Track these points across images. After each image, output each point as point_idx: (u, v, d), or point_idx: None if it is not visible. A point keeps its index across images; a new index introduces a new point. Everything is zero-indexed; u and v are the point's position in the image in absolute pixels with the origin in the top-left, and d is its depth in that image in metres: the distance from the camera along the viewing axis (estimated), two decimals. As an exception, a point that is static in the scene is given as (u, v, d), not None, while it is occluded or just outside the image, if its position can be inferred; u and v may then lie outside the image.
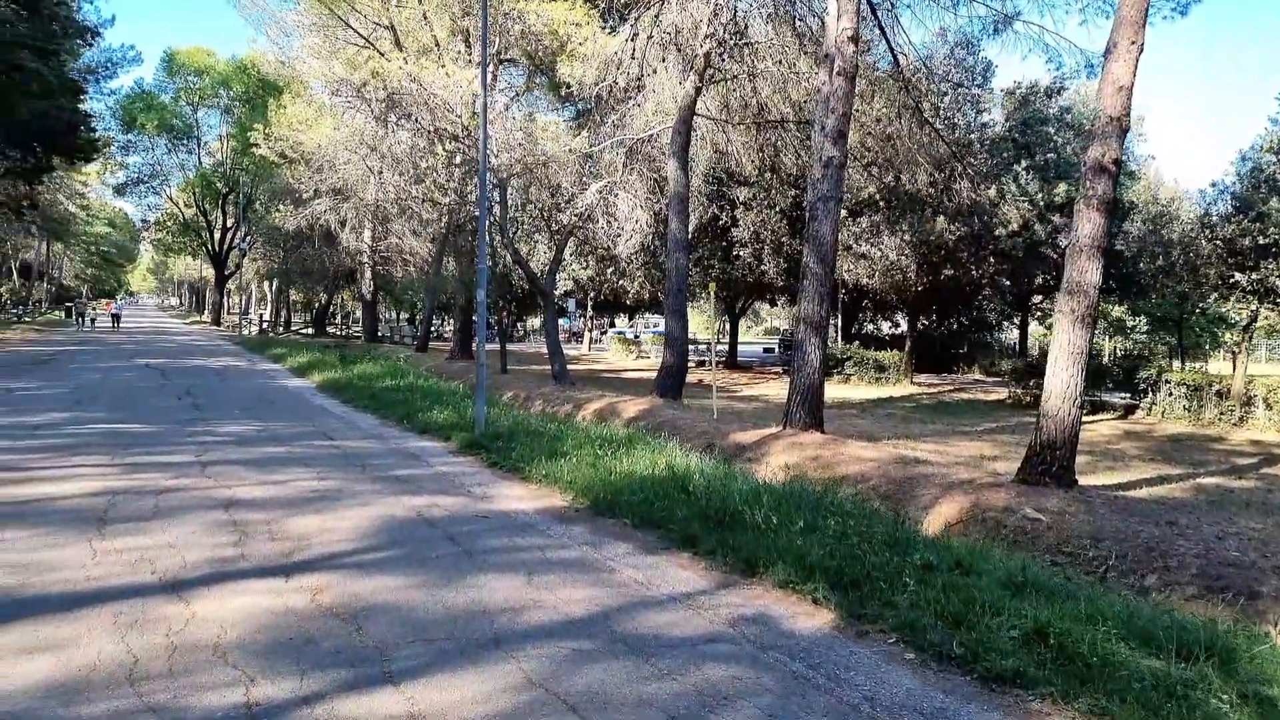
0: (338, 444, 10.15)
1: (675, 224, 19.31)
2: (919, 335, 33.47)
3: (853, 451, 12.61)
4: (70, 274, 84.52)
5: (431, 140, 24.68)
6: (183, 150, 51.78)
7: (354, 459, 9.13)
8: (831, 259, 14.64)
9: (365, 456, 9.33)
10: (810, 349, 14.44)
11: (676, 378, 19.35)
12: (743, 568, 5.71)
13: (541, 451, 9.27)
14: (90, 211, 65.17)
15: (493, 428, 11.08)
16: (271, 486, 7.57)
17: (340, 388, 16.38)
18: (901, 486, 10.83)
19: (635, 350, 45.33)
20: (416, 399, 13.97)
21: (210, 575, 5.04)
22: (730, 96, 22.20)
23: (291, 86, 37.13)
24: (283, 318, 57.67)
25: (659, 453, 9.66)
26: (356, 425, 11.94)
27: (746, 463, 13.21)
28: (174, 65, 48.48)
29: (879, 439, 17.65)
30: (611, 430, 11.06)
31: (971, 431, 19.84)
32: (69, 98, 23.89)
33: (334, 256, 39.93)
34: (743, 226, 30.82)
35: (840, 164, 14.70)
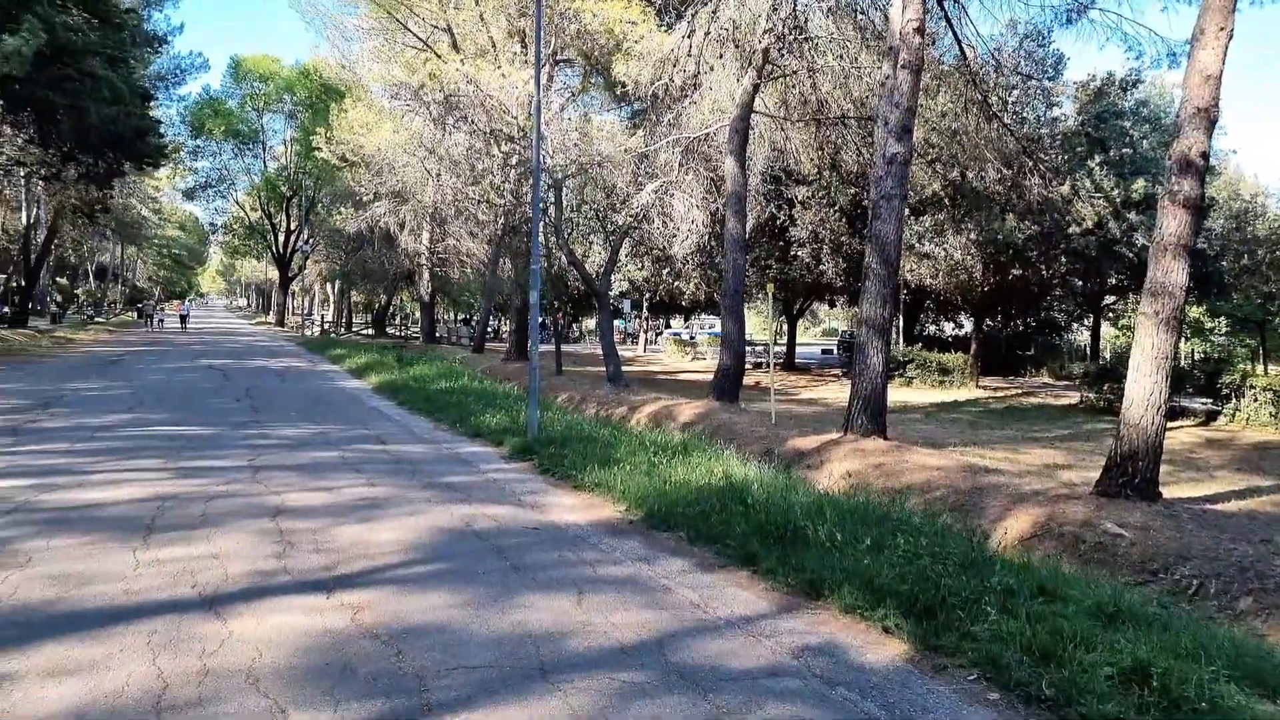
0: (390, 449, 10.04)
1: (732, 223, 18.92)
2: (985, 337, 32.45)
3: (917, 459, 12.11)
4: (143, 276, 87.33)
5: (488, 142, 24.70)
6: (248, 155, 53.07)
7: (405, 464, 8.99)
8: (895, 259, 14.13)
9: (416, 462, 9.18)
10: (872, 352, 13.95)
11: (733, 380, 18.95)
12: (805, 589, 5.35)
13: (594, 458, 9.00)
14: (161, 215, 67.18)
15: (545, 433, 10.86)
16: (321, 493, 7.44)
17: (396, 390, 16.38)
18: (970, 497, 10.33)
19: (691, 351, 44.93)
20: (470, 402, 13.85)
21: (251, 590, 4.87)
22: (789, 93, 21.72)
23: (353, 91, 37.65)
24: (344, 319, 58.68)
25: (716, 460, 9.32)
26: (410, 429, 11.85)
27: (806, 470, 12.79)
28: (240, 72, 49.64)
29: (944, 446, 17.02)
30: (666, 436, 10.76)
31: (1043, 438, 19.04)
32: (137, 104, 24.48)
33: (393, 258, 40.38)
34: (800, 226, 30.24)
35: (905, 160, 14.18)
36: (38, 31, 17.80)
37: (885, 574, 5.37)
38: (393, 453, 9.73)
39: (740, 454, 14.07)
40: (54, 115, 22.94)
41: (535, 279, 10.65)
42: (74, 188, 29.09)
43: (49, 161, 28.81)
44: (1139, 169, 26.04)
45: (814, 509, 7.10)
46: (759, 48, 19.59)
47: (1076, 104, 28.36)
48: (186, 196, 56.03)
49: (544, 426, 11.17)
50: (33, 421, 11.02)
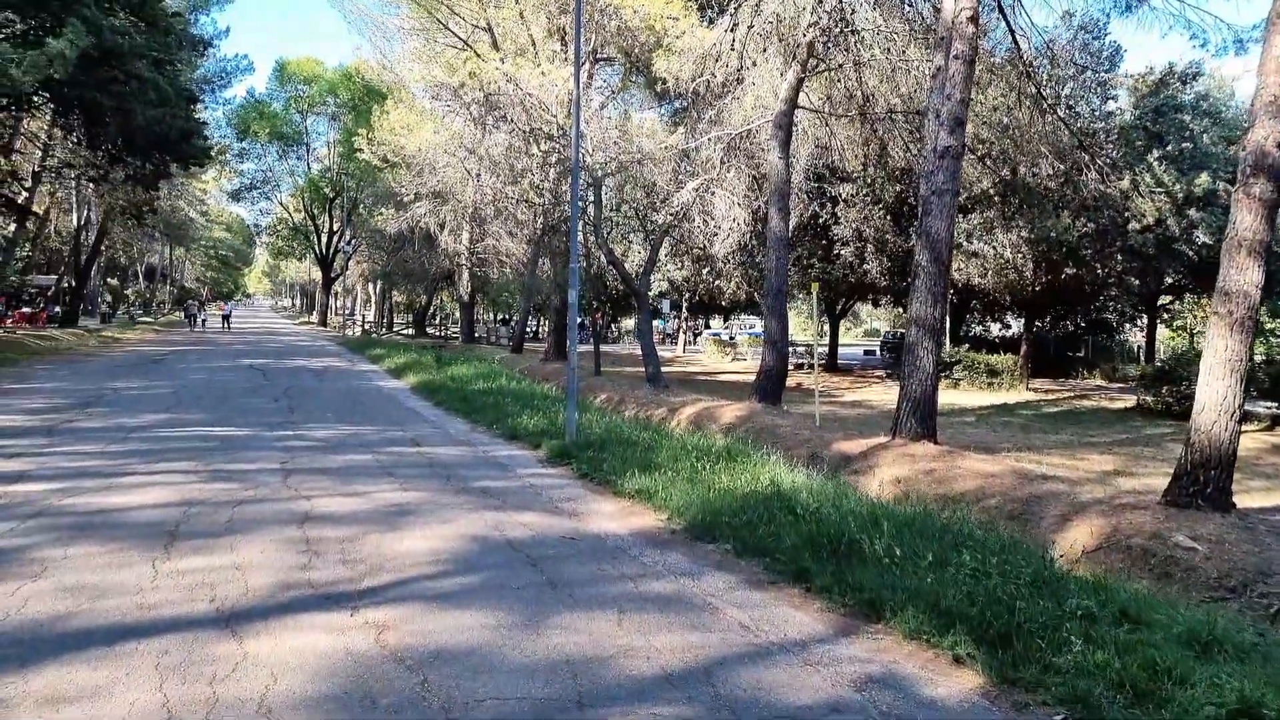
0: (425, 451, 9.78)
1: (775, 220, 18.45)
2: (1035, 338, 31.51)
3: (970, 465, 11.60)
4: (191, 277, 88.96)
5: (527, 140, 24.49)
6: (292, 156, 53.66)
7: (440, 468, 8.71)
8: (946, 256, 13.60)
9: (452, 466, 8.90)
10: (923, 353, 13.42)
11: (776, 382, 18.49)
12: (864, 610, 4.93)
13: (635, 463, 8.65)
14: (209, 217, 68.29)
15: (584, 435, 10.54)
16: (352, 499, 7.18)
17: (433, 390, 16.19)
18: (1027, 506, 9.83)
19: (730, 352, 44.43)
20: (507, 403, 13.58)
21: (271, 605, 4.58)
22: (834, 87, 21.17)
23: (394, 93, 37.83)
24: (386, 319, 59.10)
25: (761, 466, 8.92)
26: (445, 431, 11.60)
27: (853, 475, 12.33)
28: (285, 74, 50.19)
29: (997, 451, 16.38)
30: (708, 440, 10.37)
31: (1099, 443, 18.29)
32: (183, 106, 24.68)
33: (433, 258, 40.48)
34: (844, 224, 29.62)
35: (957, 154, 13.63)
36: (81, 35, 17.92)
37: (951, 594, 4.95)
38: (427, 456, 9.46)
39: (784, 458, 13.67)
40: (102, 117, 23.19)
41: (574, 278, 10.32)
42: (121, 189, 29.47)
43: (97, 164, 29.24)
44: (1198, 164, 25.00)
45: (868, 519, 6.68)
46: (803, 41, 19.10)
47: (1133, 97, 27.38)
48: (232, 198, 56.89)
49: (582, 429, 10.84)
50: (70, 421, 10.97)
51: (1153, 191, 21.80)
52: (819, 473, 12.84)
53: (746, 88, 21.00)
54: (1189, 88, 27.07)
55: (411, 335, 48.64)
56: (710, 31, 21.75)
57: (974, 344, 36.01)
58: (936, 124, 13.74)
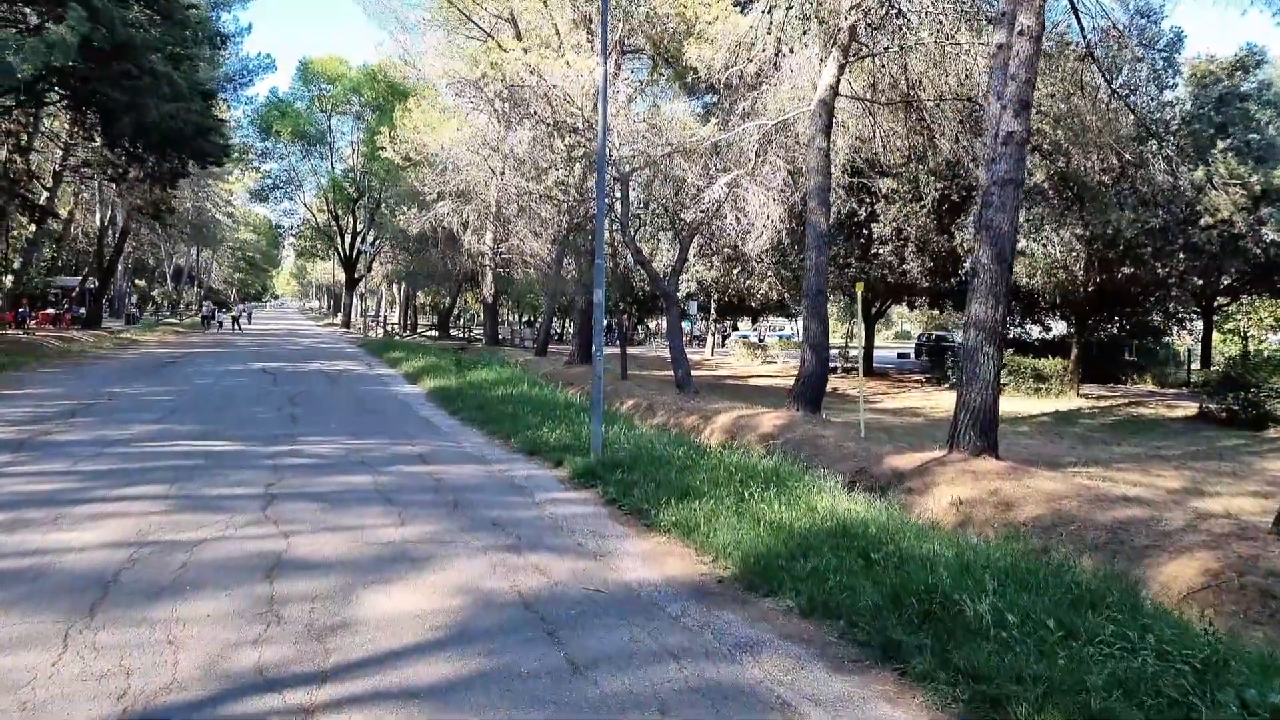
0: (433, 470, 8.66)
1: (815, 215, 17.20)
2: (1086, 341, 29.91)
3: (1039, 485, 10.30)
4: (219, 278, 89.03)
5: (551, 134, 23.41)
6: (315, 156, 53.01)
7: (447, 493, 7.59)
8: (1010, 253, 12.34)
9: (461, 490, 7.77)
10: (983, 359, 12.14)
11: (815, 388, 17.22)
12: (985, 711, 3.72)
13: (670, 488, 7.47)
14: (235, 218, 68.09)
15: (611, 452, 9.40)
16: (338, 537, 6.05)
17: (450, 397, 15.13)
18: (1112, 535, 8.55)
19: (761, 355, 43.14)
20: (527, 413, 12.46)
21: (198, 703, 3.46)
22: (877, 75, 19.88)
23: (417, 92, 37.13)
24: (410, 321, 58.39)
25: (817, 491, 7.72)
26: (459, 444, 10.50)
27: (908, 494, 11.09)
28: (308, 74, 49.57)
29: (1061, 465, 15.03)
30: (751, 459, 9.17)
31: (1171, 457, 16.85)
32: (198, 101, 23.87)
33: (456, 259, 39.62)
34: (883, 222, 28.25)
35: (1022, 140, 12.36)
36: (83, 21, 17.08)
37: (1095, 680, 3.74)
38: (435, 476, 8.34)
39: (829, 473, 12.44)
40: (115, 113, 22.42)
41: (599, 275, 9.18)
42: (138, 188, 28.79)
43: (115, 162, 28.59)
44: (1262, 156, 23.39)
45: (960, 566, 5.47)
46: (844, 25, 17.84)
47: (1190, 87, 25.77)
48: (255, 198, 56.36)
49: (609, 444, 9.69)
50: (48, 433, 9.99)
51: (1226, 184, 20.28)
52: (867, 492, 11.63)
53: (783, 76, 19.76)
54: (1252, 75, 25.45)
55: (435, 337, 47.82)
56: (744, 17, 20.56)
57: (1017, 348, 34.45)
58: (998, 107, 12.49)
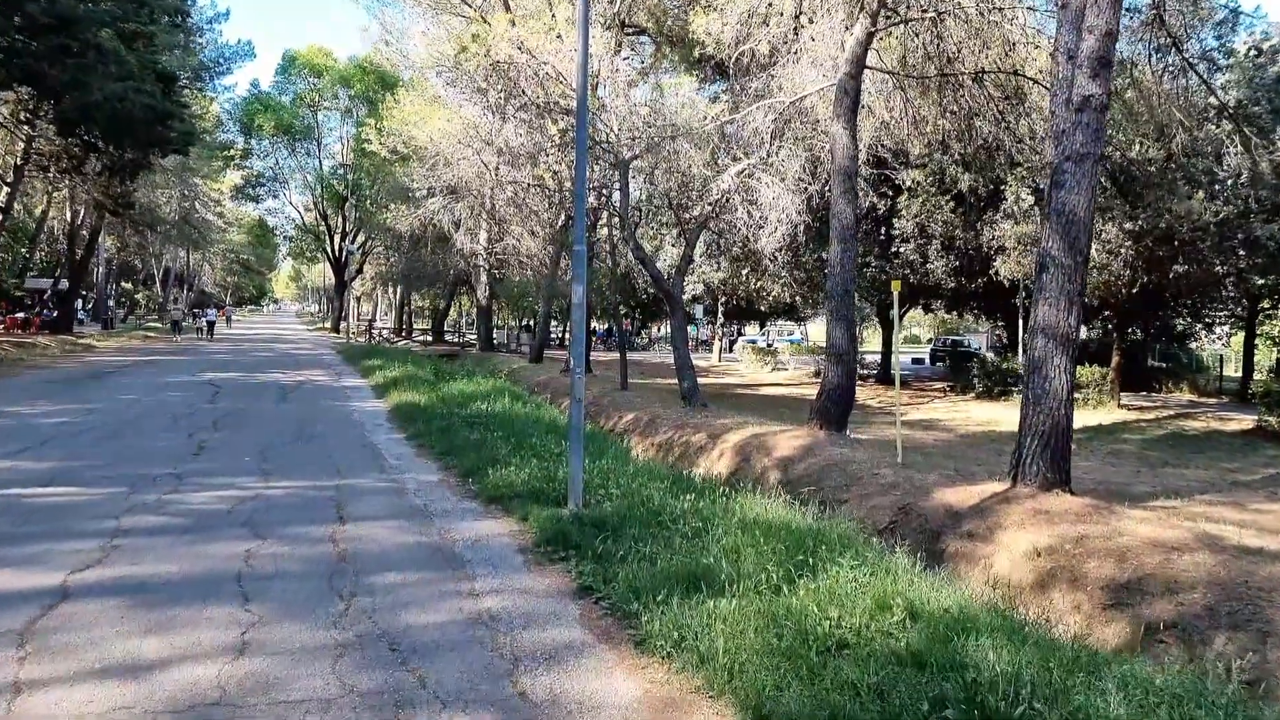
0: (344, 534, 6.31)
1: (841, 205, 14.88)
2: (1126, 347, 27.54)
3: (1136, 530, 8.00)
4: (211, 281, 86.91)
5: (542, 117, 21.15)
6: (302, 153, 50.66)
7: (346, 577, 5.24)
8: (1085, 243, 10.10)
9: (371, 570, 5.42)
10: (1053, 372, 9.87)
11: (841, 404, 14.90)
12: None
13: (672, 570, 5.16)
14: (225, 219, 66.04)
15: (595, 499, 7.11)
16: (121, 683, 3.70)
17: (415, 415, 12.80)
18: (1250, 605, 6.30)
19: (770, 361, 40.81)
20: (497, 439, 10.14)
21: None
22: (908, 47, 17.58)
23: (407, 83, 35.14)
24: (405, 325, 56.12)
25: (882, 575, 5.39)
26: (400, 486, 8.14)
27: (967, 540, 8.78)
28: (292, 66, 47.28)
29: (1134, 496, 12.71)
30: (785, 515, 6.84)
31: (1251, 482, 14.52)
32: (149, 82, 21.63)
33: (449, 260, 37.45)
34: (905, 217, 25.94)
35: (1101, 105, 10.11)
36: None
37: None
38: (343, 546, 5.98)
39: (869, 515, 10.13)
40: (55, 91, 20.24)
41: (579, 263, 6.87)
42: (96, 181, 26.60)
43: (70, 153, 26.45)
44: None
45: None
46: (874, -15, 15.55)
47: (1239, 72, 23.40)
48: (238, 194, 54.04)
49: (593, 488, 7.40)
50: None
51: None
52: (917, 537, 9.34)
53: (801, 50, 17.47)
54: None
55: (428, 342, 45.55)
56: (757, -17, 18.33)
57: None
58: (1070, 68, 10.30)
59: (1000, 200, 23.99)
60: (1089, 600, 7.12)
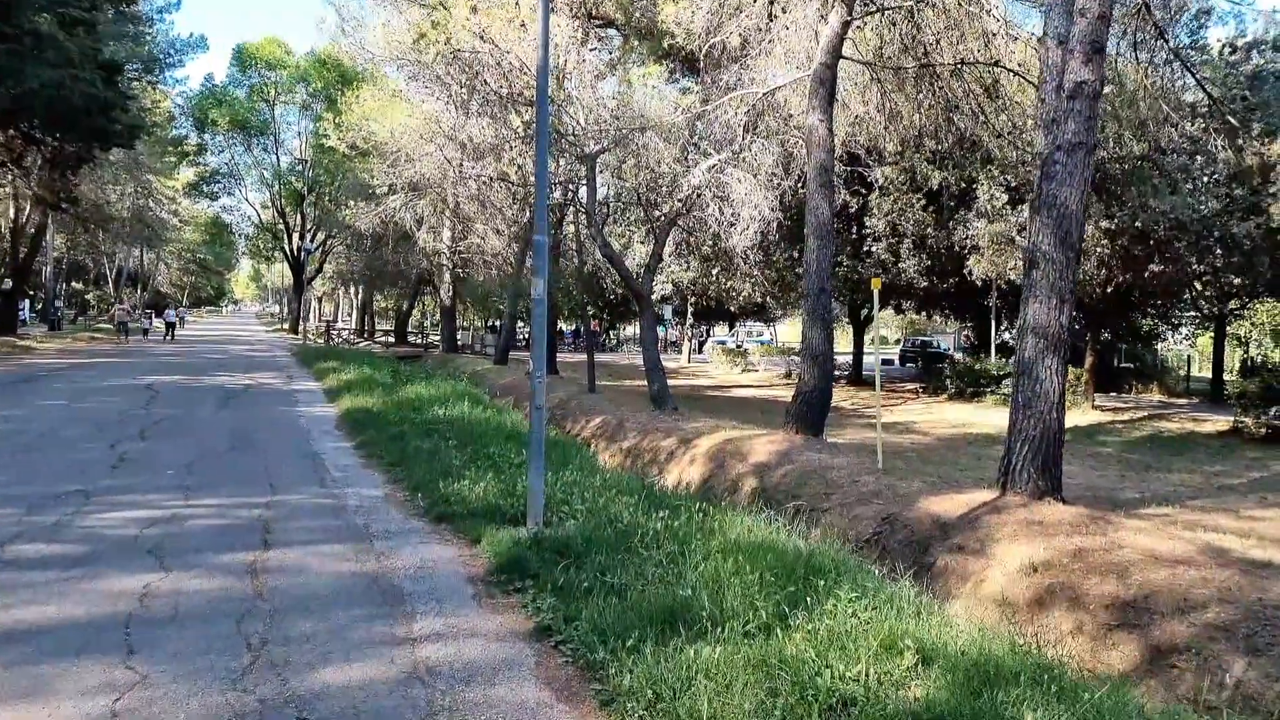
0: (271, 557, 5.49)
1: (818, 200, 14.26)
2: (1101, 348, 27.31)
3: (1136, 542, 7.49)
4: (167, 281, 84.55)
5: (505, 108, 20.34)
6: (258, 148, 49.07)
7: (261, 618, 4.42)
8: (1077, 238, 9.62)
9: (293, 606, 4.61)
10: (1045, 374, 9.34)
11: (818, 407, 14.27)
12: None
13: (644, 613, 4.43)
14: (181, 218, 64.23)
15: (558, 517, 6.37)
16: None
17: (366, 422, 11.93)
18: (1269, 626, 5.79)
19: (741, 362, 40.25)
20: (453, 448, 9.35)
21: None
22: (884, 39, 17.02)
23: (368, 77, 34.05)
24: (367, 326, 54.77)
25: (886, 609, 4.71)
26: (341, 504, 7.28)
27: (957, 554, 8.20)
28: (246, 59, 45.70)
29: (1124, 502, 12.22)
30: (769, 536, 6.15)
31: (1238, 486, 14.12)
32: (89, 70, 20.44)
33: (411, 259, 36.40)
34: (877, 215, 25.45)
35: (1095, 92, 9.62)
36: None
37: None
38: (266, 574, 5.11)
39: (851, 526, 9.50)
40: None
41: (540, 253, 6.12)
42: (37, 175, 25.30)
43: (10, 145, 25.14)
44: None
45: None
46: (850, -27, 14.96)
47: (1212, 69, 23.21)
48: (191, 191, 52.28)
49: (556, 504, 6.66)
50: None
51: None
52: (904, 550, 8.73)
53: (775, 39, 16.85)
54: (1282, 56, 23.01)
55: (391, 344, 44.37)
56: (728, -30, 17.71)
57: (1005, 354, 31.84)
58: (1061, 53, 9.82)
59: (973, 199, 23.58)
60: (1092, 620, 6.56)
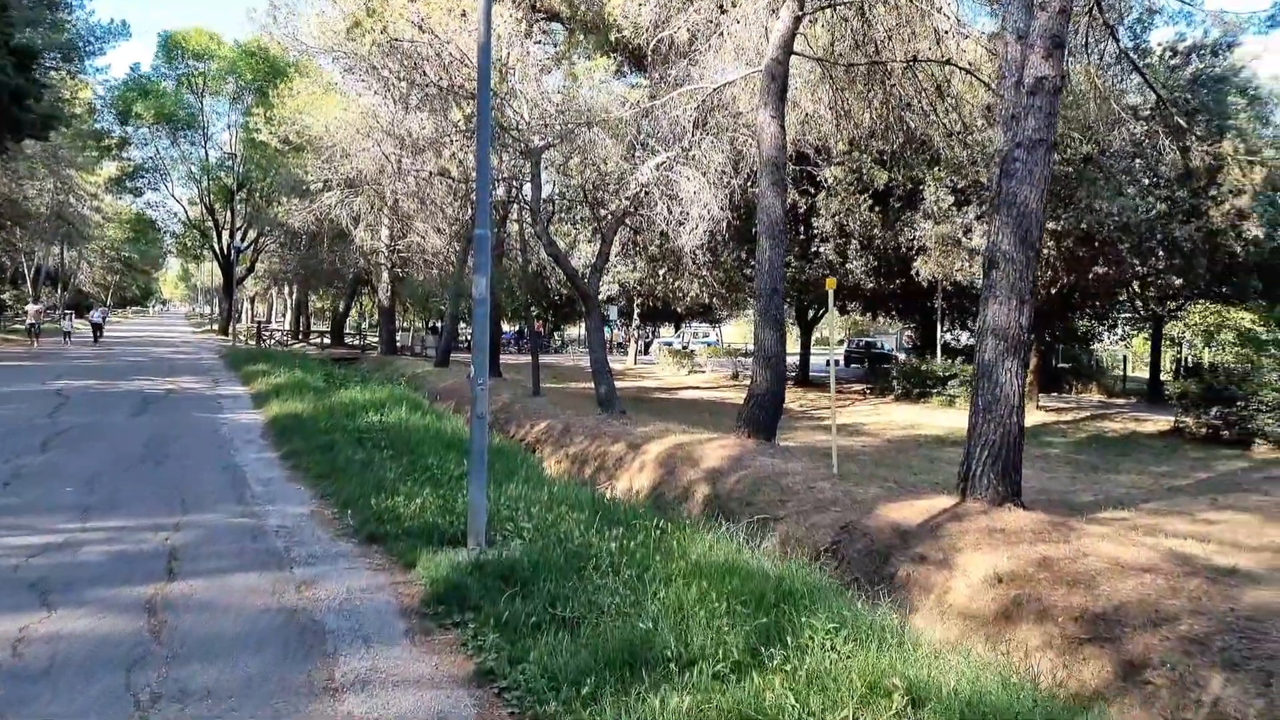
0: (175, 590, 4.79)
1: (770, 198, 13.85)
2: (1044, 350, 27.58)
3: (1102, 550, 7.23)
4: (89, 280, 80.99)
5: (445, 99, 19.58)
6: (185, 142, 47.00)
7: (155, 668, 3.77)
8: (1038, 237, 9.38)
9: (195, 652, 3.97)
10: (1005, 377, 9.04)
11: (770, 409, 13.87)
12: None
13: (600, 653, 3.88)
14: (105, 214, 61.53)
15: (500, 539, 5.77)
16: None
17: (294, 430, 11.12)
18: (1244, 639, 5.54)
19: (688, 364, 39.92)
20: (388, 458, 8.66)
21: None
22: (836, 36, 16.75)
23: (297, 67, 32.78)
24: (302, 327, 53.02)
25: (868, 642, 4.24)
26: (260, 520, 6.57)
27: (919, 565, 7.82)
28: (172, 48, 43.69)
29: (1079, 506, 12.05)
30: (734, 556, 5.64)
31: (1187, 487, 14.12)
32: (2, 57, 19.11)
33: (348, 257, 35.17)
34: (825, 216, 25.27)
35: (1055, 88, 9.40)
36: None
37: None
38: (167, 610, 4.42)
39: (809, 535, 9.09)
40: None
41: (482, 246, 5.52)
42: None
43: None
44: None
45: None
46: (801, -32, 14.61)
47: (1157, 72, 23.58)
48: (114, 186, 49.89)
49: (500, 521, 6.06)
50: None
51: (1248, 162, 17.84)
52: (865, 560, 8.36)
53: (726, 33, 16.47)
54: (1220, 59, 23.44)
55: (326, 345, 42.96)
56: (677, -38, 17.28)
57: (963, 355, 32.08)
58: (1020, 48, 9.56)
59: (920, 200, 23.55)
60: (1061, 634, 6.24)
